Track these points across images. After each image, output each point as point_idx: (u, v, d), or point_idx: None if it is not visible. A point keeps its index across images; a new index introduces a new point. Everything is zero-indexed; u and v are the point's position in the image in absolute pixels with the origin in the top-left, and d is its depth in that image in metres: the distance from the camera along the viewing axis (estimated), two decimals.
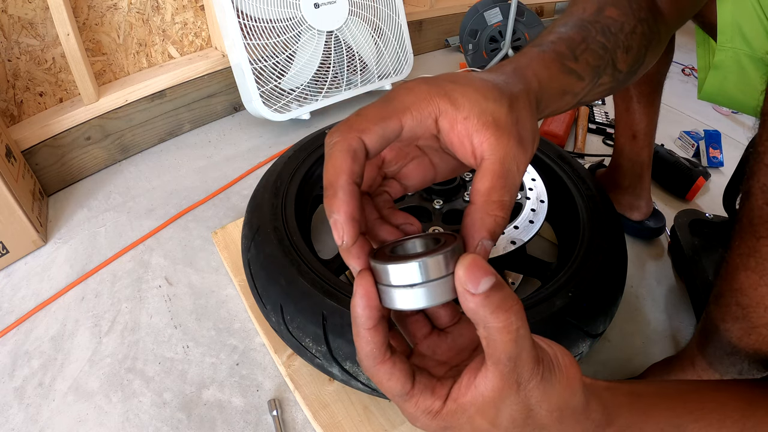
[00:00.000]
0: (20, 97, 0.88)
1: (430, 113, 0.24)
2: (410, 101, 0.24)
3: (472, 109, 0.24)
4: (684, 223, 0.80)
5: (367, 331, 0.24)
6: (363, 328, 0.24)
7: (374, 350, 0.24)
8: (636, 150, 0.80)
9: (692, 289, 0.74)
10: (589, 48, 0.37)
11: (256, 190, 0.70)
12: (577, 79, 0.36)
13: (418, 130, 0.25)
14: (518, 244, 0.60)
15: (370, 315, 0.24)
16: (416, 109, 0.24)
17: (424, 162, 0.30)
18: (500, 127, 0.25)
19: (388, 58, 1.25)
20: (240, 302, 0.71)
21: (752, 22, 0.50)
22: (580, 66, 0.36)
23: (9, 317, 0.68)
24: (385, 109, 0.24)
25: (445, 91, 0.25)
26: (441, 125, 0.25)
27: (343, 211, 0.23)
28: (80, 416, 0.57)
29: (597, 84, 0.38)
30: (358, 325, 0.24)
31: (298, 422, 0.57)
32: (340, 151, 0.23)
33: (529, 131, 0.27)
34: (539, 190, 0.70)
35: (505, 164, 0.24)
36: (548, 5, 2.06)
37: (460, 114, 0.24)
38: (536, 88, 0.31)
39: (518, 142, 0.25)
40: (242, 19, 0.97)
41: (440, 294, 0.23)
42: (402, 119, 0.24)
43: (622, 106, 0.78)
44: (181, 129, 1.11)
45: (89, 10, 0.91)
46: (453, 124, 0.25)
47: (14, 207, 0.73)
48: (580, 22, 0.38)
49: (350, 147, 0.23)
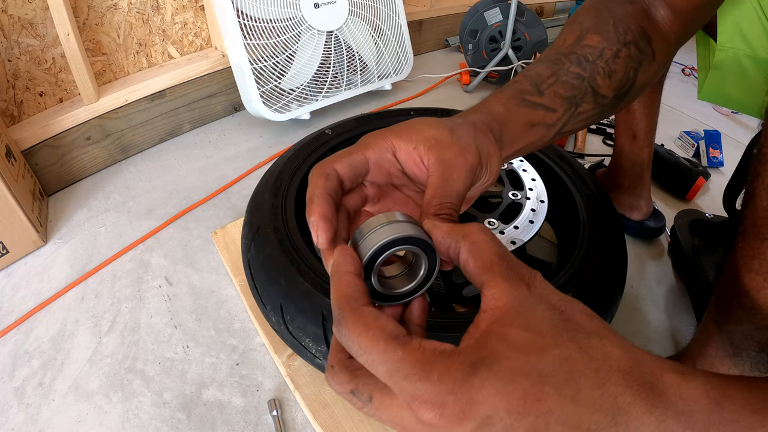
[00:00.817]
0: (20, 97, 0.88)
1: (388, 148, 0.30)
2: (371, 141, 0.31)
3: (418, 139, 0.30)
4: (684, 223, 0.80)
5: (347, 274, 0.24)
6: (344, 272, 0.24)
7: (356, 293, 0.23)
8: (636, 150, 0.80)
9: (692, 289, 0.74)
10: (559, 80, 0.40)
11: (256, 190, 0.70)
12: (546, 111, 0.38)
13: (381, 162, 0.31)
14: (518, 244, 0.60)
15: (351, 260, 0.24)
16: (376, 146, 0.30)
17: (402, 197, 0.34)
18: (440, 144, 0.29)
19: (388, 58, 1.25)
20: (240, 302, 0.71)
21: (752, 22, 0.50)
22: (546, 99, 0.39)
23: (9, 317, 0.68)
24: (353, 148, 0.30)
25: (398, 131, 0.31)
26: (399, 158, 0.31)
27: (317, 212, 0.27)
28: (80, 416, 0.57)
29: (575, 113, 0.40)
30: (339, 271, 0.24)
31: (298, 422, 0.57)
32: (317, 176, 0.29)
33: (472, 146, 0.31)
34: (539, 190, 0.70)
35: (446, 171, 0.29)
36: (548, 5, 2.06)
37: (411, 145, 0.30)
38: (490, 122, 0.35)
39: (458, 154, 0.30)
40: (242, 19, 0.97)
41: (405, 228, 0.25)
42: (365, 153, 0.30)
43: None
44: (181, 129, 1.11)
45: (89, 10, 0.91)
46: (408, 155, 0.30)
47: (14, 207, 0.73)
48: (555, 55, 0.42)
49: (323, 172, 0.29)
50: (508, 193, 0.69)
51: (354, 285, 0.23)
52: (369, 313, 0.22)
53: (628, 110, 0.77)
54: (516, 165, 0.75)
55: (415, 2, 1.56)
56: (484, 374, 0.19)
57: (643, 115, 0.76)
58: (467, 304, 0.71)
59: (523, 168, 0.74)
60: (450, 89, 1.41)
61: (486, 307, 0.22)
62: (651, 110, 0.76)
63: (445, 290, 0.67)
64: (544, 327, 0.21)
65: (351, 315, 0.22)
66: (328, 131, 0.82)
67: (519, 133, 0.36)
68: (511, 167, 0.74)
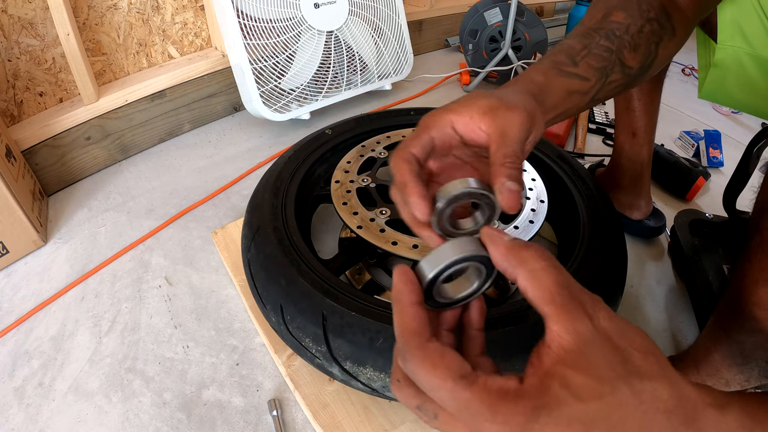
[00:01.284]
0: (20, 97, 0.88)
1: (447, 124, 0.33)
2: (431, 121, 0.34)
3: (473, 110, 0.33)
4: (684, 223, 0.80)
5: (411, 306, 0.25)
6: (407, 303, 0.25)
7: (420, 326, 0.24)
8: (636, 148, 0.80)
9: (692, 289, 0.74)
10: (591, 53, 0.43)
11: (256, 190, 0.70)
12: (581, 80, 0.42)
13: (444, 138, 0.33)
14: None
15: (412, 288, 0.26)
16: (436, 124, 0.33)
17: (466, 168, 0.36)
18: (493, 109, 0.32)
19: (388, 58, 1.25)
20: (240, 302, 0.71)
21: (752, 20, 0.50)
22: (581, 69, 0.42)
23: (9, 317, 0.68)
24: (418, 131, 0.34)
25: (452, 108, 0.34)
26: (458, 130, 0.33)
27: (415, 193, 0.29)
28: (80, 416, 0.57)
29: (606, 82, 0.43)
30: (402, 301, 0.25)
31: (298, 422, 0.57)
32: (400, 162, 0.31)
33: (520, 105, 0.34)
34: (539, 190, 0.70)
35: (503, 129, 0.32)
36: (548, 5, 2.06)
37: (466, 116, 0.33)
38: (532, 89, 0.38)
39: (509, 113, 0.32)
40: (242, 19, 0.97)
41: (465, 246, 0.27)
42: (429, 132, 0.33)
43: (622, 104, 0.78)
44: (181, 129, 1.11)
45: (89, 10, 0.91)
46: (465, 125, 0.33)
47: (14, 207, 0.73)
48: (586, 30, 0.45)
49: (404, 157, 0.32)
50: None
51: (418, 318, 0.25)
52: (435, 350, 0.23)
53: (629, 108, 0.77)
54: None
55: (415, 2, 1.56)
56: (544, 420, 0.21)
57: (643, 113, 0.76)
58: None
59: (523, 168, 0.74)
60: (450, 89, 1.41)
61: (550, 343, 0.23)
62: (651, 108, 0.76)
63: None
64: (604, 371, 0.22)
65: (418, 352, 0.23)
66: (328, 131, 0.82)
67: (558, 99, 0.40)
68: None
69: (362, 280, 0.74)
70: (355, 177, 0.70)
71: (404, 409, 0.56)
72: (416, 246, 0.58)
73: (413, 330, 0.24)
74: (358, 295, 0.52)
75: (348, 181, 0.69)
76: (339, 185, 0.68)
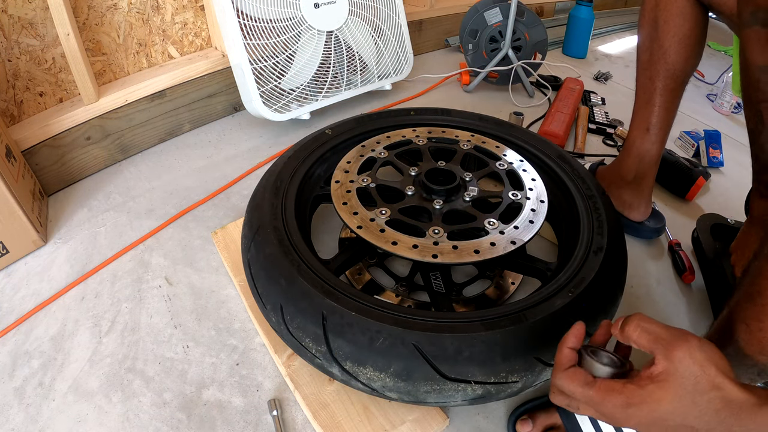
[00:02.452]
0: (20, 97, 0.88)
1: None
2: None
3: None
4: (706, 227, 0.82)
5: (570, 350, 0.41)
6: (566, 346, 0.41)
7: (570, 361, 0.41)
8: (647, 145, 0.80)
9: (712, 290, 0.76)
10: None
11: (256, 190, 0.70)
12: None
13: None
14: (518, 244, 0.60)
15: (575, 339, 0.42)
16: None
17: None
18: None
19: (388, 58, 1.25)
20: (240, 302, 0.71)
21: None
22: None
23: (9, 317, 0.68)
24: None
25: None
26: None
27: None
28: (80, 416, 0.57)
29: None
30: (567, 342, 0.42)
31: (298, 422, 0.57)
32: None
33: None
34: (539, 190, 0.70)
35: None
36: (548, 5, 2.06)
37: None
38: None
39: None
40: (242, 19, 0.97)
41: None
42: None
43: (643, 98, 0.78)
44: (181, 129, 1.11)
45: (89, 10, 0.91)
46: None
47: (14, 207, 0.73)
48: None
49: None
50: (508, 193, 0.69)
51: (567, 357, 0.41)
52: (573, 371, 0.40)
53: (649, 102, 0.77)
54: (516, 165, 0.75)
55: (415, 2, 1.56)
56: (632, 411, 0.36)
57: (662, 110, 0.76)
58: (467, 304, 0.71)
59: (523, 168, 0.74)
60: (450, 89, 1.41)
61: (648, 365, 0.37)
62: (671, 106, 0.76)
63: (445, 290, 0.67)
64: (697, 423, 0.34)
65: (563, 373, 0.40)
66: (328, 131, 0.82)
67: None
68: (511, 167, 0.74)
69: (362, 280, 0.74)
70: (355, 177, 0.70)
71: (404, 410, 0.56)
72: (416, 246, 0.58)
73: (562, 363, 0.41)
74: (358, 295, 0.52)
75: (348, 181, 0.69)
76: (339, 185, 0.68)
